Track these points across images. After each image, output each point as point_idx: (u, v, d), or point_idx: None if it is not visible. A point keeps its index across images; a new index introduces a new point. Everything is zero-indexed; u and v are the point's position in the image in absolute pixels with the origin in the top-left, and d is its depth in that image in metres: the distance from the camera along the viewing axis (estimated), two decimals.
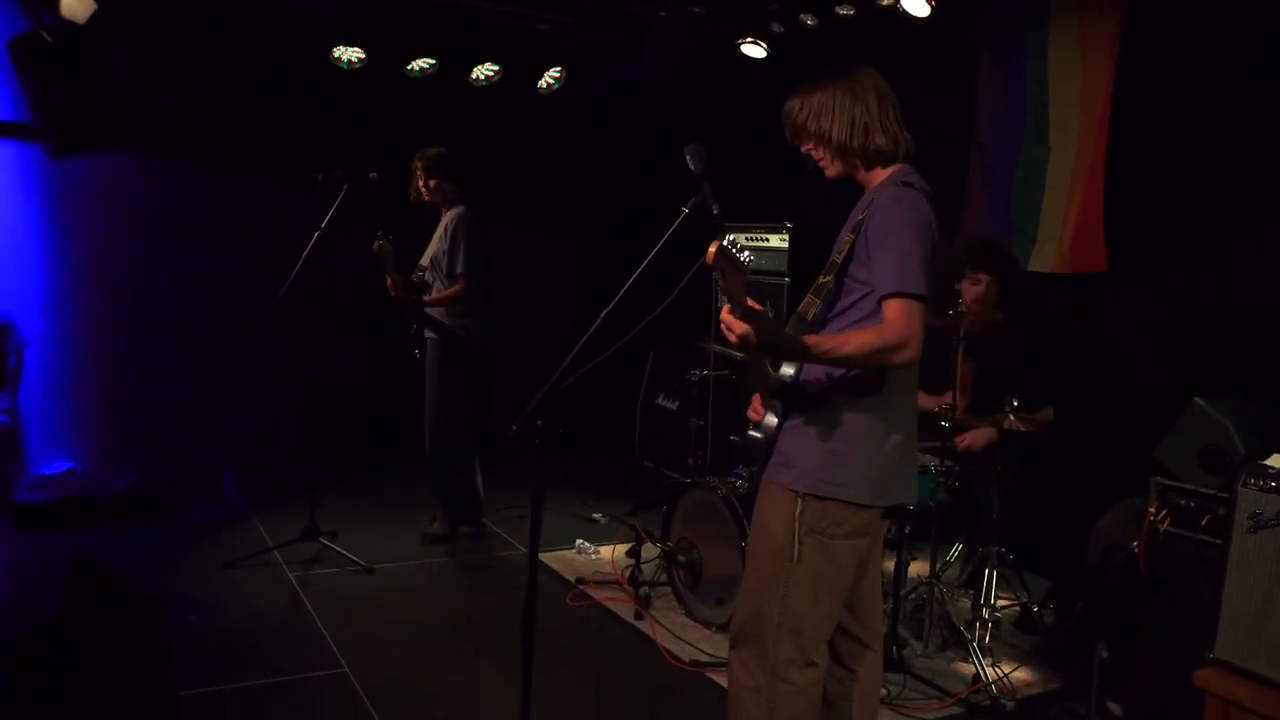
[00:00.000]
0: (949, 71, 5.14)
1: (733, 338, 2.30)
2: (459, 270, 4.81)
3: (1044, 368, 4.23)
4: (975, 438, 4.17)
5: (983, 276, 4.19)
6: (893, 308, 2.29)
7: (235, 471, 5.99)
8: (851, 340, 2.28)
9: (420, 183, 4.92)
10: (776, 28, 5.41)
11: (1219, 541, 3.06)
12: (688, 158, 2.43)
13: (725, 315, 2.28)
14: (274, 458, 6.06)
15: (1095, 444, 4.41)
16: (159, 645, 3.07)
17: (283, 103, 6.27)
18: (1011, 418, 3.81)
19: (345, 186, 4.55)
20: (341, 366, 6.13)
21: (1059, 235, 4.64)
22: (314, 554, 4.78)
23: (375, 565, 4.70)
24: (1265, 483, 2.90)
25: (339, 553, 4.76)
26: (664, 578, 4.36)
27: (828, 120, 2.44)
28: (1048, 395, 4.17)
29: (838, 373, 2.40)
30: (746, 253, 2.12)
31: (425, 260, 4.91)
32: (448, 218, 4.91)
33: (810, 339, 2.29)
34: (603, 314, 2.41)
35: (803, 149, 2.53)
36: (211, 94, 6.11)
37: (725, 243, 2.05)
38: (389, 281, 4.72)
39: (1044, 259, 4.71)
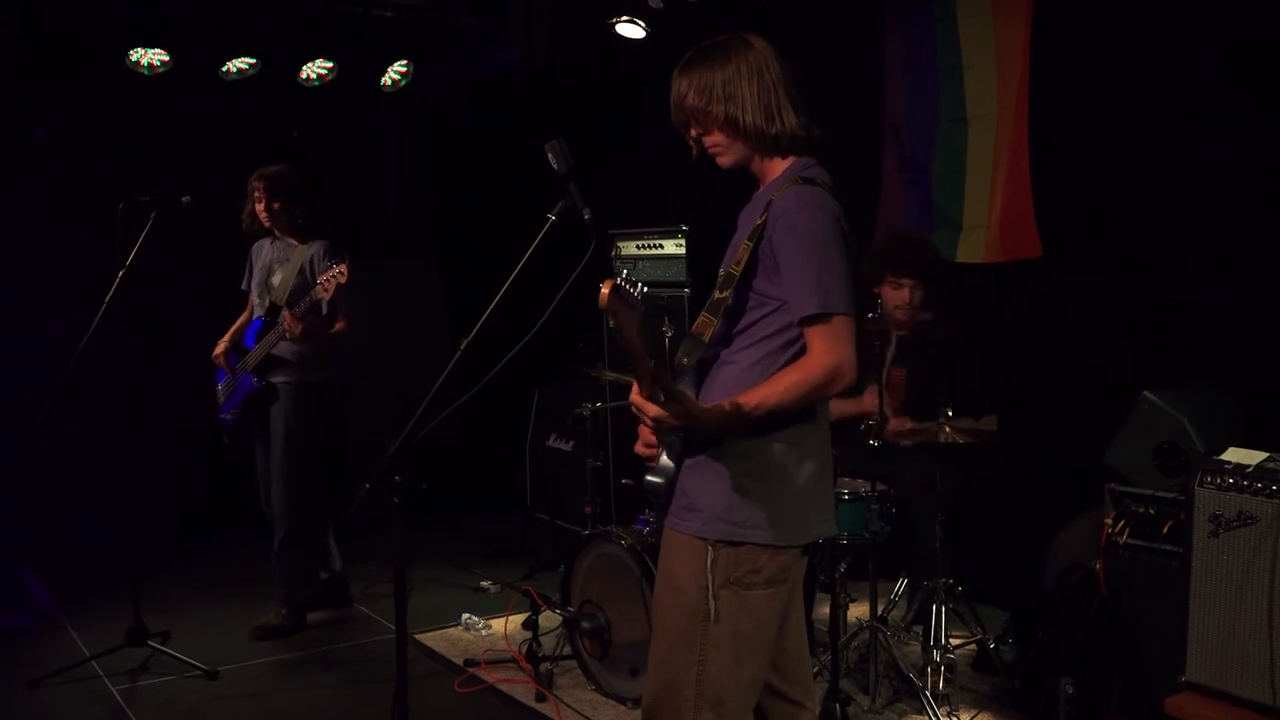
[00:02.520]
0: (850, 46, 5.30)
1: (647, 421, 2.33)
2: (344, 311, 4.83)
3: (981, 370, 4.37)
4: (904, 424, 4.24)
5: (906, 281, 4.29)
6: (816, 334, 2.35)
7: (35, 568, 5.74)
8: (779, 388, 2.33)
9: (260, 206, 4.85)
10: (654, 3, 5.50)
11: (1181, 550, 3.20)
12: (549, 156, 2.45)
13: (633, 398, 2.31)
14: (84, 546, 5.83)
15: (1044, 452, 4.57)
16: None
17: (71, 116, 6.10)
18: (947, 429, 3.92)
19: (153, 214, 4.43)
20: (158, 423, 5.94)
21: (986, 221, 4.81)
22: (142, 660, 4.61)
23: (219, 668, 4.55)
24: (1223, 480, 3.05)
25: (173, 656, 4.59)
26: (567, 650, 4.34)
27: (731, 101, 2.45)
28: (988, 401, 4.30)
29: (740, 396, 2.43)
30: (641, 286, 2.13)
31: (278, 296, 4.82)
32: (309, 251, 4.86)
33: (739, 400, 2.33)
34: (462, 345, 2.40)
35: (692, 134, 2.54)
36: None
37: (620, 280, 2.05)
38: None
39: (972, 248, 4.88)
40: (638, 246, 5.79)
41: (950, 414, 3.94)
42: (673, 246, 5.60)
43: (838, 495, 3.91)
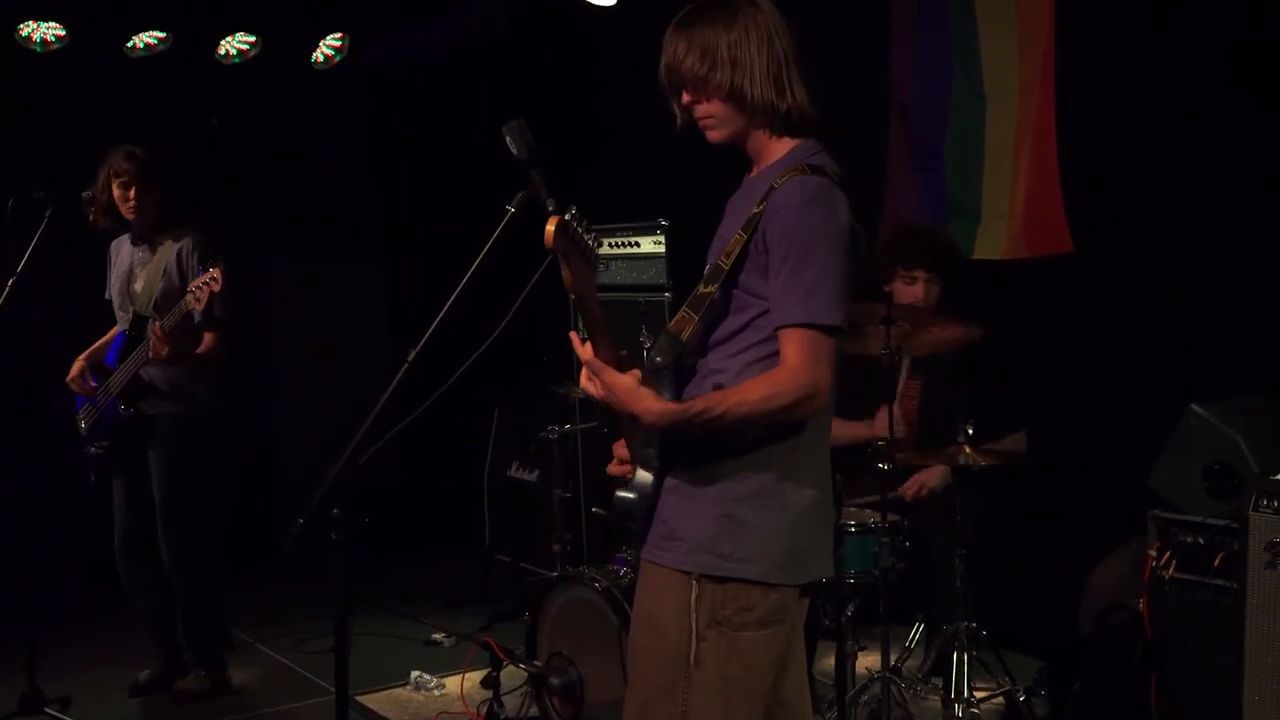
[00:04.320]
0: (850, 13, 5.32)
1: (596, 389, 2.31)
2: (219, 314, 4.69)
3: (1007, 382, 4.38)
4: (928, 478, 4.27)
5: (919, 274, 4.32)
6: (793, 345, 2.34)
7: None
8: (744, 399, 2.32)
9: (129, 193, 4.64)
10: None
11: (1235, 584, 3.22)
12: (507, 140, 2.44)
13: (584, 351, 2.29)
14: None
15: (1079, 476, 4.57)
16: None
17: None
18: (968, 450, 3.93)
19: (49, 211, 4.39)
20: (45, 455, 5.87)
21: (1008, 211, 4.84)
22: None
23: None
24: None
25: None
26: (534, 711, 4.32)
27: (738, 69, 2.45)
28: (1016, 418, 4.31)
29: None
30: (595, 236, 2.13)
31: (142, 305, 4.71)
32: (176, 248, 4.74)
33: (693, 402, 2.33)
34: (410, 356, 2.40)
35: (684, 101, 2.54)
36: None
37: (569, 216, 2.05)
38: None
39: (992, 242, 4.90)
40: (610, 244, 5.80)
41: (971, 433, 3.95)
42: (650, 244, 5.61)
43: (843, 527, 3.91)
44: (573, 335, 2.31)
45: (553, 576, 4.32)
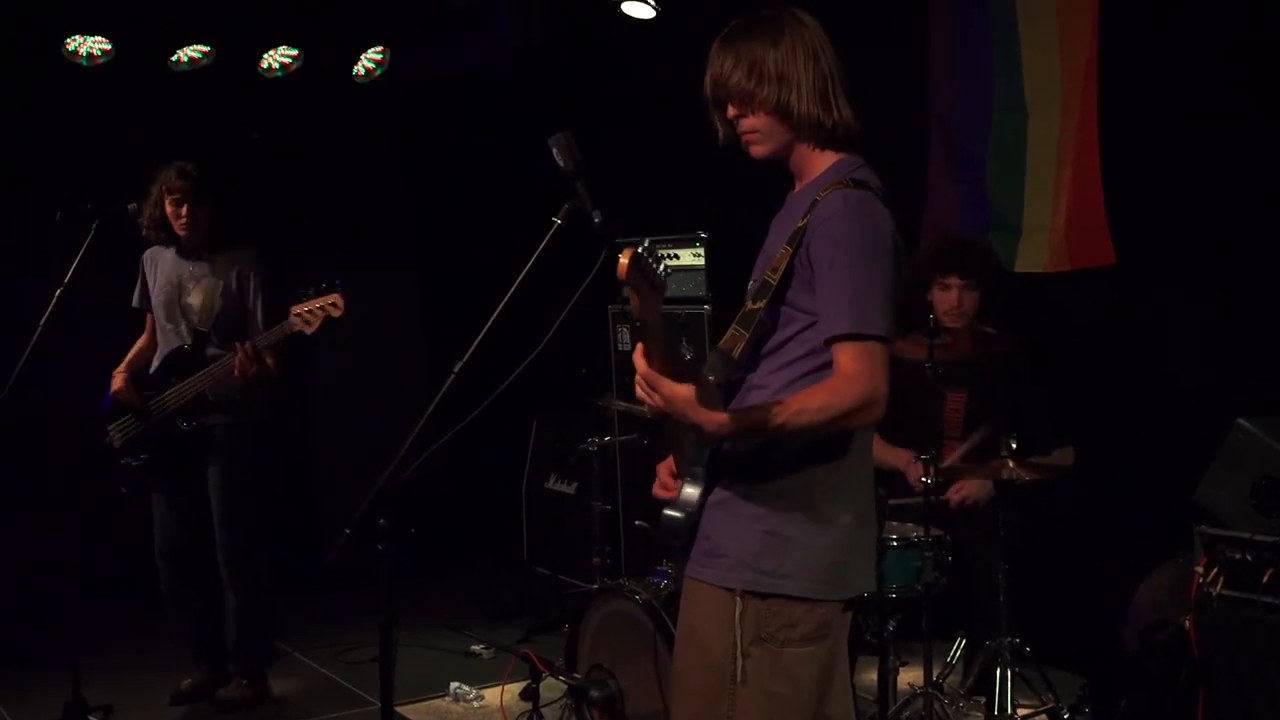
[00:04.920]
0: (889, 23, 5.33)
1: (655, 401, 2.31)
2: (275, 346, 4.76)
3: (1052, 397, 4.37)
4: (970, 489, 4.26)
5: (953, 280, 4.33)
6: (847, 354, 2.34)
7: None
8: (804, 407, 2.31)
9: (182, 209, 4.69)
10: None
11: None
12: (554, 152, 2.46)
13: (641, 364, 2.29)
14: (5, 607, 5.85)
15: (1124, 490, 4.55)
16: None
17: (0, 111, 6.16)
18: (1011, 464, 3.91)
19: (95, 224, 4.45)
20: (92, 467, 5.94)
21: (1050, 224, 4.82)
22: None
23: None
24: None
25: None
26: None
27: (784, 84, 2.47)
28: (1062, 432, 4.29)
29: None
30: (664, 265, 2.15)
31: (202, 321, 4.75)
32: (235, 266, 4.79)
33: (757, 409, 2.32)
34: (456, 368, 2.42)
35: (729, 114, 2.56)
36: None
37: (642, 250, 2.08)
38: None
39: (1034, 255, 4.89)
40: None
41: (1015, 447, 3.93)
42: (690, 257, 5.62)
43: (885, 541, 3.91)
44: (638, 351, 2.32)
45: (592, 589, 4.32)
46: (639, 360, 2.32)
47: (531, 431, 6.66)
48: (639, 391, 2.33)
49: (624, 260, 2.06)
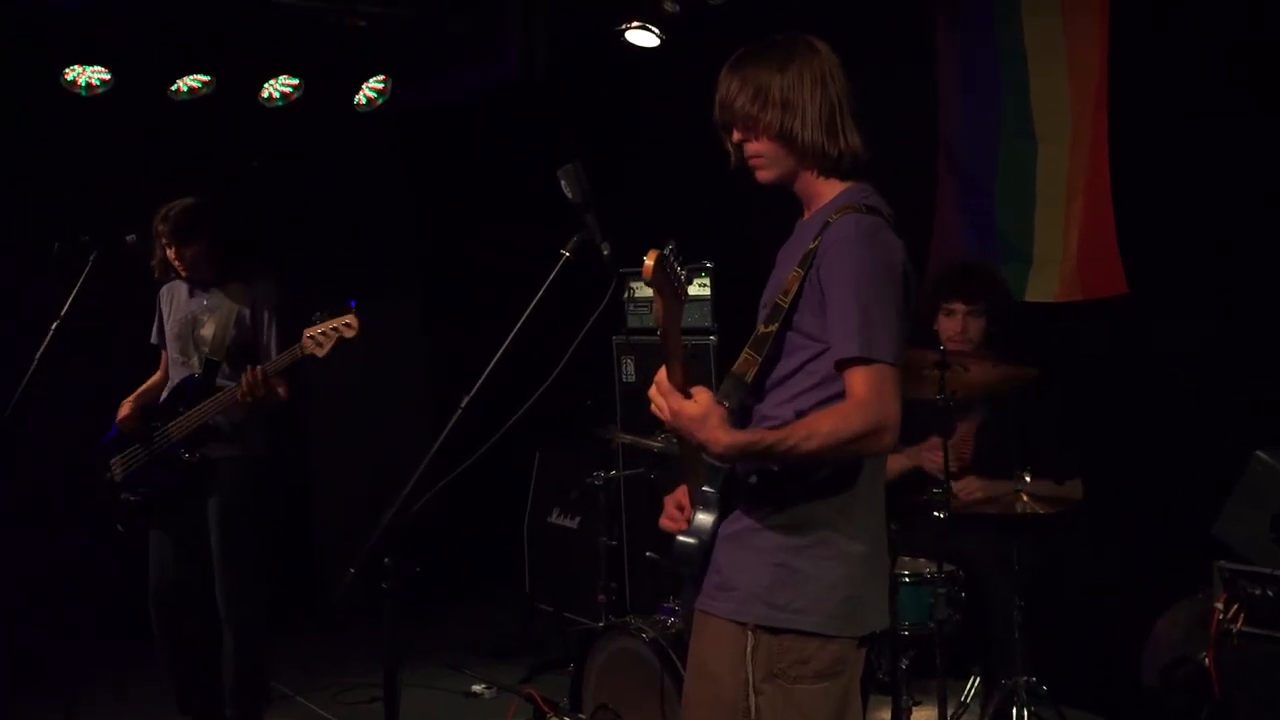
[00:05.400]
0: (895, 48, 5.33)
1: (665, 414, 2.31)
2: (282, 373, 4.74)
3: (1063, 426, 4.34)
4: (977, 486, 4.20)
5: (956, 306, 4.31)
6: (858, 379, 2.34)
7: None
8: (813, 432, 2.30)
9: (171, 253, 4.72)
10: (670, 6, 5.57)
11: None
12: (562, 183, 2.46)
13: (660, 373, 2.28)
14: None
15: (1140, 524, 4.52)
16: None
17: None
18: (1025, 497, 3.89)
19: (93, 256, 4.44)
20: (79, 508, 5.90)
21: (1061, 254, 4.81)
22: None
23: None
24: None
25: None
26: None
27: (789, 110, 2.49)
28: (1071, 465, 4.26)
29: None
30: (686, 273, 2.16)
31: (214, 350, 4.75)
32: (251, 294, 4.79)
33: (764, 434, 2.32)
34: (463, 403, 2.40)
35: (734, 139, 2.58)
36: None
37: (666, 252, 2.08)
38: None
39: (1044, 285, 4.87)
40: (641, 271, 5.78)
41: (1028, 478, 3.91)
42: (696, 287, 5.60)
43: (898, 577, 3.88)
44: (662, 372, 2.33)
45: (598, 626, 4.29)
46: (659, 381, 2.34)
47: (534, 464, 6.62)
48: (652, 392, 2.34)
49: (649, 261, 2.08)
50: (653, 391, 2.37)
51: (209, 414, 4.63)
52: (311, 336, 4.44)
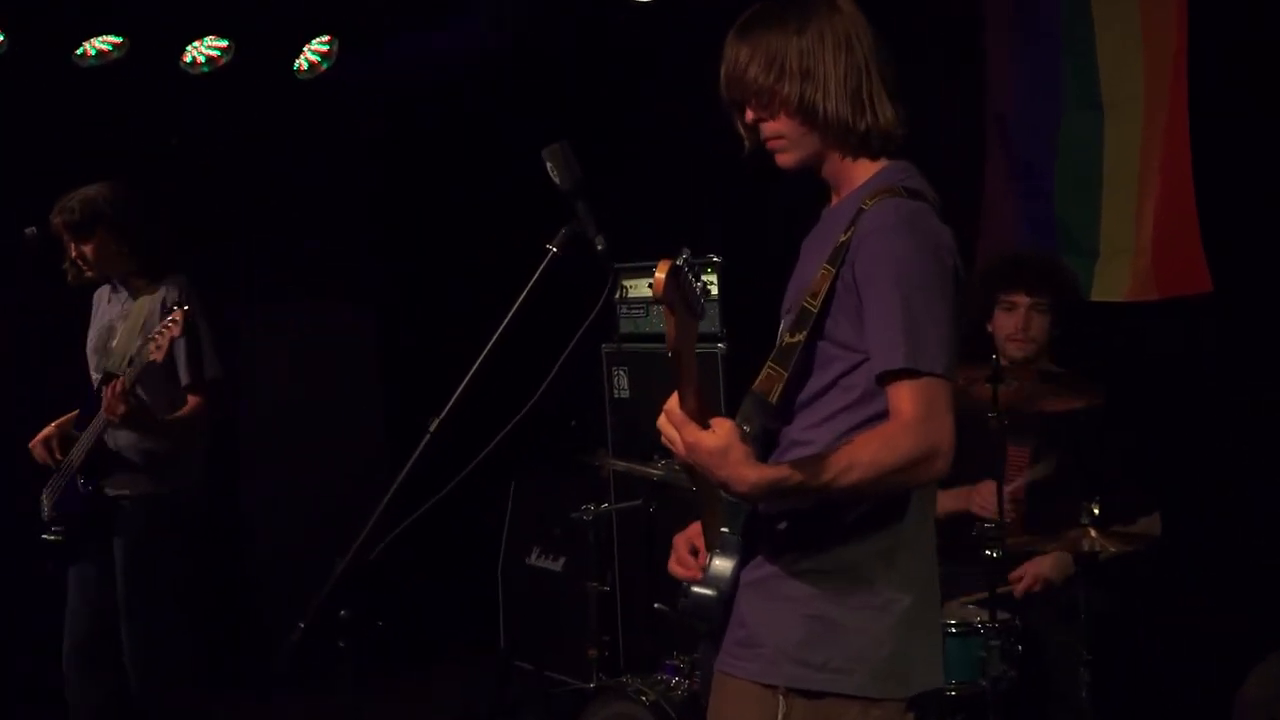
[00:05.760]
0: (939, 8, 5.35)
1: (677, 447, 2.30)
2: (210, 374, 4.75)
3: (1137, 451, 4.35)
4: (1042, 568, 4.23)
5: (1020, 299, 4.28)
6: (904, 395, 2.34)
7: None
8: (850, 461, 2.29)
9: (71, 249, 4.74)
10: None
11: None
12: (548, 166, 2.47)
13: (671, 401, 2.28)
14: None
15: (1225, 564, 4.54)
16: None
17: None
18: (1093, 534, 3.90)
19: None
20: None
21: (1133, 245, 4.82)
22: None
23: None
24: None
25: None
26: None
27: (809, 80, 2.48)
28: (1147, 496, 4.27)
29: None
30: (703, 283, 2.15)
31: (116, 363, 4.73)
32: (160, 296, 4.77)
33: (798, 469, 2.30)
34: (433, 426, 2.41)
35: (747, 118, 2.57)
36: None
37: (681, 261, 2.09)
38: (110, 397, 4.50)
39: (1113, 282, 4.89)
40: (650, 286, 5.79)
41: (1097, 513, 3.92)
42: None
43: (943, 627, 3.88)
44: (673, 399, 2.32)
45: (588, 688, 4.30)
46: (671, 407, 2.31)
47: (509, 496, 6.61)
48: (661, 423, 2.31)
49: (660, 274, 2.05)
50: (662, 421, 2.33)
51: (94, 436, 4.64)
52: (152, 339, 4.44)
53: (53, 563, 4.83)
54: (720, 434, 2.28)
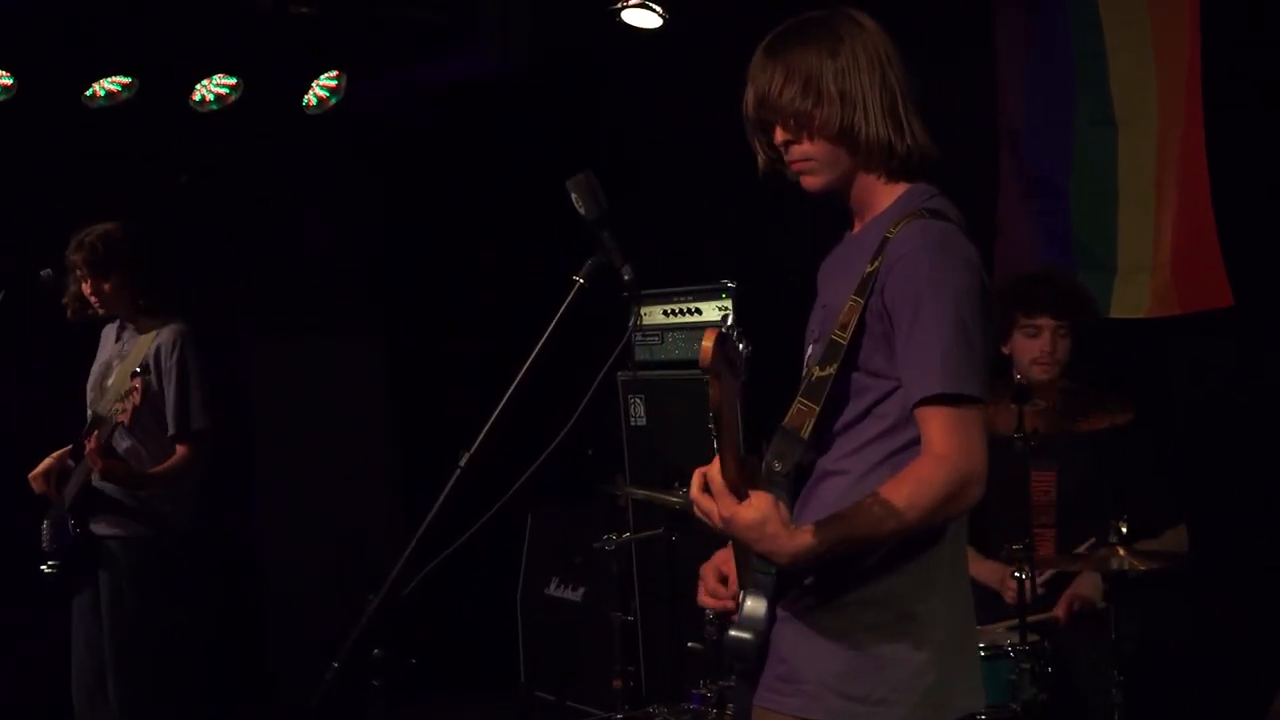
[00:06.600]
0: (948, 24, 5.34)
1: (713, 518, 2.28)
2: (197, 425, 4.73)
3: (1159, 467, 4.33)
4: (1081, 589, 4.20)
5: (1043, 321, 4.27)
6: (938, 425, 2.33)
7: None
8: (887, 509, 2.28)
9: (86, 287, 4.77)
10: None
11: None
12: (573, 197, 2.45)
13: (714, 469, 2.25)
14: None
15: (1255, 580, 4.51)
16: None
17: None
18: (1122, 552, 3.87)
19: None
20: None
21: (1152, 261, 4.81)
22: None
23: None
24: None
25: None
26: None
27: (847, 103, 2.46)
28: (1171, 510, 4.25)
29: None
30: (746, 346, 2.14)
31: (108, 405, 4.73)
32: (156, 341, 4.77)
33: (839, 525, 2.29)
34: (462, 461, 2.39)
35: (776, 140, 2.55)
36: None
37: (726, 329, 2.07)
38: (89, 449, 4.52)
39: (1133, 298, 4.87)
40: (665, 313, 5.78)
41: (1125, 531, 3.90)
42: (714, 311, 5.58)
43: None
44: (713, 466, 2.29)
45: (615, 718, 4.27)
46: (694, 490, 2.30)
47: (527, 527, 6.58)
48: (693, 491, 2.29)
49: (707, 344, 2.04)
50: (695, 492, 2.32)
51: (84, 476, 4.66)
52: (118, 400, 4.50)
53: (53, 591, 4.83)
54: (758, 505, 2.27)
